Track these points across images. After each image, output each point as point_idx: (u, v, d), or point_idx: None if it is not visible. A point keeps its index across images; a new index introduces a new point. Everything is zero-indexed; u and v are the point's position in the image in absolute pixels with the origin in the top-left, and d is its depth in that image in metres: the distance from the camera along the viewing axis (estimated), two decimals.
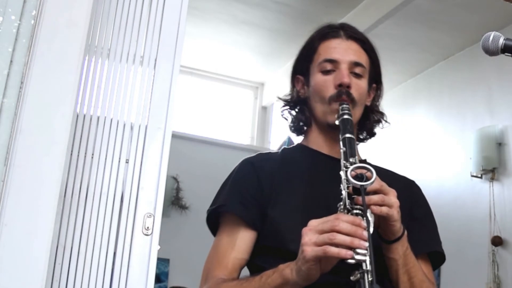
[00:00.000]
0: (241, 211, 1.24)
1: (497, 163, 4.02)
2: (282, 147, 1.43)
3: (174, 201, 5.14)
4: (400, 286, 1.15)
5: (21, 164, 1.33)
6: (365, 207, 1.03)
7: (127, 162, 1.68)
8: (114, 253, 1.61)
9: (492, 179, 4.03)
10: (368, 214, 1.04)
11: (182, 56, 1.77)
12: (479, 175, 4.11)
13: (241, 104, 6.02)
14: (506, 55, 1.05)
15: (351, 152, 1.14)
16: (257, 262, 1.25)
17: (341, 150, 1.15)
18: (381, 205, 1.06)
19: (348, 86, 1.27)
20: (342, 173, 1.10)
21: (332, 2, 4.27)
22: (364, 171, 1.06)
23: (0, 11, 1.38)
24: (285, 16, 4.56)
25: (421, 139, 4.81)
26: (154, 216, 1.64)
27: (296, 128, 1.42)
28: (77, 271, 1.56)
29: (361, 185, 1.04)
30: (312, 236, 1.01)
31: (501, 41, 1.04)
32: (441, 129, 4.68)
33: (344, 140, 1.17)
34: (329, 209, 1.13)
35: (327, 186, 1.21)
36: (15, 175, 1.32)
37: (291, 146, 1.44)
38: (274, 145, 5.75)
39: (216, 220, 1.31)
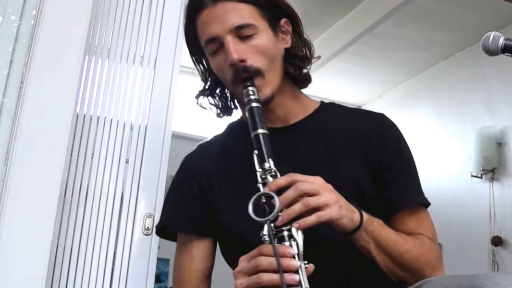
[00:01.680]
0: (188, 228, 1.16)
1: (497, 163, 4.02)
2: (228, 123, 1.26)
3: None
4: (380, 264, 1.02)
5: (21, 164, 1.33)
6: (274, 247, 0.88)
7: (127, 162, 1.68)
8: (114, 253, 1.61)
9: (492, 179, 4.02)
10: (295, 233, 0.90)
11: (182, 56, 1.77)
12: (479, 175, 4.10)
13: None
14: (506, 55, 1.05)
15: (267, 152, 0.97)
16: (225, 252, 1.19)
17: (254, 153, 0.98)
18: (310, 212, 0.91)
19: (242, 60, 1.06)
20: (259, 185, 0.95)
21: (332, 2, 4.26)
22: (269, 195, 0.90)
23: (0, 11, 1.38)
24: None
25: (421, 139, 4.81)
26: (154, 216, 1.64)
27: (223, 113, 1.23)
28: (77, 271, 1.56)
29: (265, 220, 0.89)
30: (243, 279, 0.91)
31: (501, 41, 1.04)
32: (441, 129, 4.68)
33: (255, 138, 0.99)
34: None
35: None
36: (15, 175, 1.32)
37: (235, 121, 1.26)
38: None
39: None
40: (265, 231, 0.91)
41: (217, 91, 1.22)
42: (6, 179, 1.32)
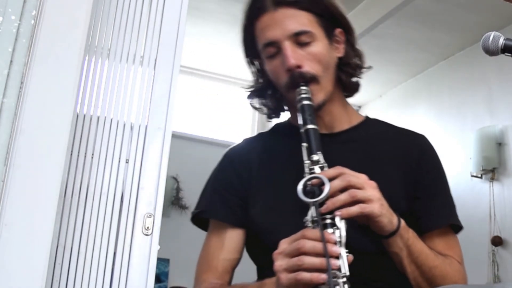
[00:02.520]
0: (224, 216, 1.18)
1: (497, 163, 4.02)
2: (275, 124, 1.29)
3: (174, 201, 5.14)
4: (409, 276, 1.04)
5: (21, 164, 1.33)
6: (321, 226, 0.89)
7: (127, 162, 1.68)
8: (114, 253, 1.61)
9: (492, 179, 4.03)
10: (338, 221, 0.92)
11: (182, 56, 1.77)
12: (479, 175, 4.11)
13: (241, 104, 6.02)
14: (506, 55, 1.05)
15: (317, 146, 1.00)
16: (252, 256, 1.22)
17: (303, 146, 1.00)
18: (353, 203, 0.94)
19: (299, 66, 1.10)
20: (305, 175, 0.97)
21: None
22: (317, 181, 0.92)
23: (0, 11, 1.38)
24: None
25: None
26: (154, 216, 1.64)
27: (273, 114, 1.26)
28: (77, 271, 1.56)
29: (313, 202, 0.91)
30: (282, 261, 0.92)
31: (501, 41, 1.04)
32: (441, 129, 4.68)
33: (306, 132, 1.02)
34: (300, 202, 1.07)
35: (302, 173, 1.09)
36: (15, 175, 1.32)
37: (281, 122, 1.30)
38: None
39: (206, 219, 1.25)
40: (309, 216, 0.93)
41: (269, 92, 1.25)
42: (6, 179, 1.32)
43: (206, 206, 1.22)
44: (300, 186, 0.93)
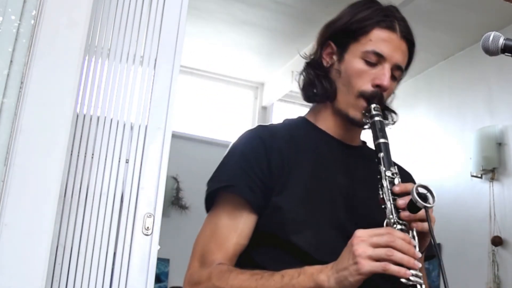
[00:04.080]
0: (249, 195, 1.12)
1: (497, 163, 4.02)
2: (284, 119, 1.30)
3: (174, 201, 5.14)
4: None
5: (21, 164, 1.33)
6: (431, 229, 1.00)
7: (127, 162, 1.68)
8: (114, 253, 1.61)
9: (492, 179, 4.02)
10: (415, 231, 1.03)
11: (182, 56, 1.77)
12: (479, 175, 4.10)
13: (241, 104, 6.02)
14: (506, 55, 1.05)
15: (389, 160, 1.10)
16: (249, 250, 1.16)
17: (380, 155, 1.11)
18: (423, 221, 1.03)
19: (385, 90, 1.20)
20: (384, 182, 1.07)
21: (332, 2, 4.26)
22: (425, 191, 1.02)
23: (0, 11, 1.38)
24: (285, 16, 4.56)
25: (421, 139, 4.81)
26: (154, 216, 1.64)
27: (313, 94, 1.27)
28: (77, 271, 1.56)
29: (426, 207, 1.00)
30: (367, 248, 0.95)
31: (501, 41, 1.04)
32: (441, 129, 4.68)
33: (379, 145, 1.13)
34: (333, 202, 1.12)
35: (335, 175, 1.18)
36: (15, 175, 1.32)
37: (294, 119, 1.31)
38: None
39: (214, 194, 1.18)
40: (393, 216, 1.03)
41: (324, 78, 1.27)
42: (6, 179, 1.32)
43: (231, 181, 1.15)
44: (414, 191, 1.00)
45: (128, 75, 1.75)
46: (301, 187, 1.15)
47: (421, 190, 1.02)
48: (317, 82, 1.26)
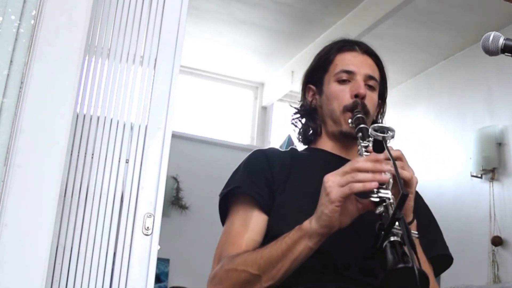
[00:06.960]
0: (255, 193, 1.24)
1: (497, 163, 4.02)
2: (290, 147, 1.43)
3: (174, 201, 5.14)
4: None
5: (21, 164, 1.33)
6: (389, 151, 1.05)
7: (127, 162, 1.68)
8: (114, 253, 1.61)
9: (492, 179, 4.03)
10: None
11: (182, 56, 1.77)
12: (479, 175, 4.11)
13: (241, 104, 6.02)
14: (506, 55, 1.05)
15: (364, 134, 1.20)
16: None
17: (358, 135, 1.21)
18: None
19: (363, 97, 1.31)
20: (359, 143, 1.17)
21: (332, 2, 4.26)
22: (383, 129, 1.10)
23: (0, 11, 1.38)
24: (285, 16, 4.56)
25: (421, 139, 4.81)
26: (154, 216, 1.64)
27: (305, 136, 1.43)
28: (77, 271, 1.56)
29: (383, 137, 1.06)
30: (335, 178, 1.03)
31: (501, 41, 1.04)
32: (441, 129, 4.68)
33: (359, 130, 1.22)
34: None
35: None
36: (15, 175, 1.32)
37: (301, 150, 1.46)
38: (274, 145, 5.75)
39: (226, 207, 1.31)
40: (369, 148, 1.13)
41: (308, 116, 1.43)
42: (6, 179, 1.32)
43: (238, 183, 1.27)
44: (371, 128, 1.09)
45: (128, 75, 1.75)
46: (302, 188, 1.25)
47: (377, 127, 1.09)
48: (306, 125, 1.42)
